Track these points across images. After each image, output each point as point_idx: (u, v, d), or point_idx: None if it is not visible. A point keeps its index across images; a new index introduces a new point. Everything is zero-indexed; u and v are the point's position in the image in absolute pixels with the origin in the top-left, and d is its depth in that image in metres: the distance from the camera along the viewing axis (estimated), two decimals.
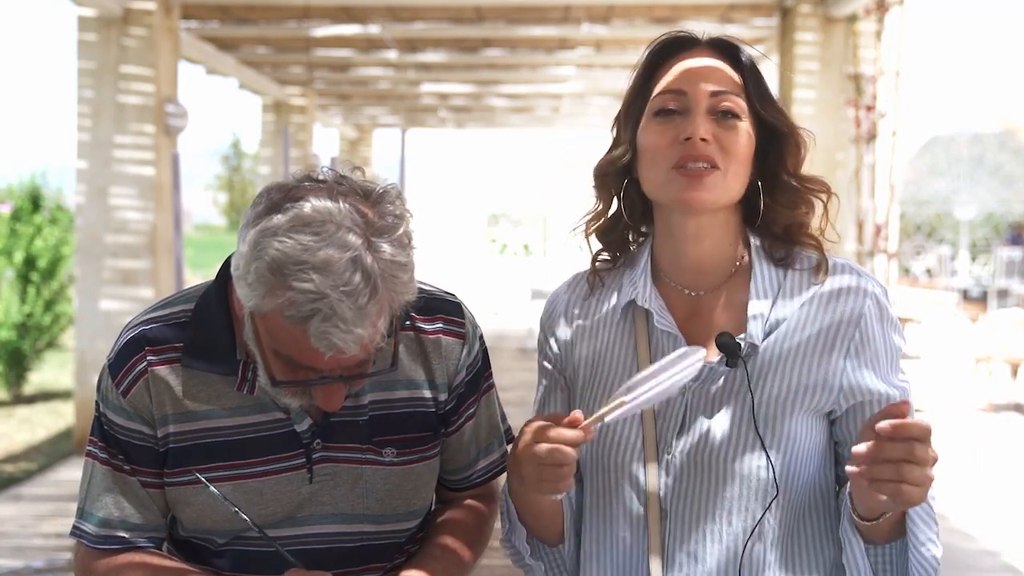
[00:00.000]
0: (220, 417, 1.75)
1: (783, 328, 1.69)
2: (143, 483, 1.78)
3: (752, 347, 1.67)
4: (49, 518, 6.68)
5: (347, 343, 1.49)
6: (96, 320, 8.05)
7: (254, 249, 1.51)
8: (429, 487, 1.90)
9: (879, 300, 1.70)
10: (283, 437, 1.76)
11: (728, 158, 1.67)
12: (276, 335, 1.56)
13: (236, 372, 1.74)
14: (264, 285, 1.50)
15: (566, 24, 9.88)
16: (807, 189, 1.75)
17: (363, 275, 1.48)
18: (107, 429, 1.78)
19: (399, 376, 1.80)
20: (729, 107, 1.69)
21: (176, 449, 1.76)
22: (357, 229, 1.50)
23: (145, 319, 1.79)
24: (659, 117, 1.71)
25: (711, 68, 1.72)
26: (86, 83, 8.01)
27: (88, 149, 8.03)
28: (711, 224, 1.73)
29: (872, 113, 7.95)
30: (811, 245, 1.75)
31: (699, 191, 1.65)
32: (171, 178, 7.98)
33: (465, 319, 1.90)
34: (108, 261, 8.05)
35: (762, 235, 1.77)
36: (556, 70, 13.04)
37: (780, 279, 1.72)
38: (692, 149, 1.65)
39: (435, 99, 16.08)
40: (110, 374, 1.77)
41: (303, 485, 1.77)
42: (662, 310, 1.74)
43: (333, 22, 9.90)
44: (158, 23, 8.01)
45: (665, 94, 1.72)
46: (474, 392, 1.93)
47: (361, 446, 1.79)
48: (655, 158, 1.70)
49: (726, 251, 1.76)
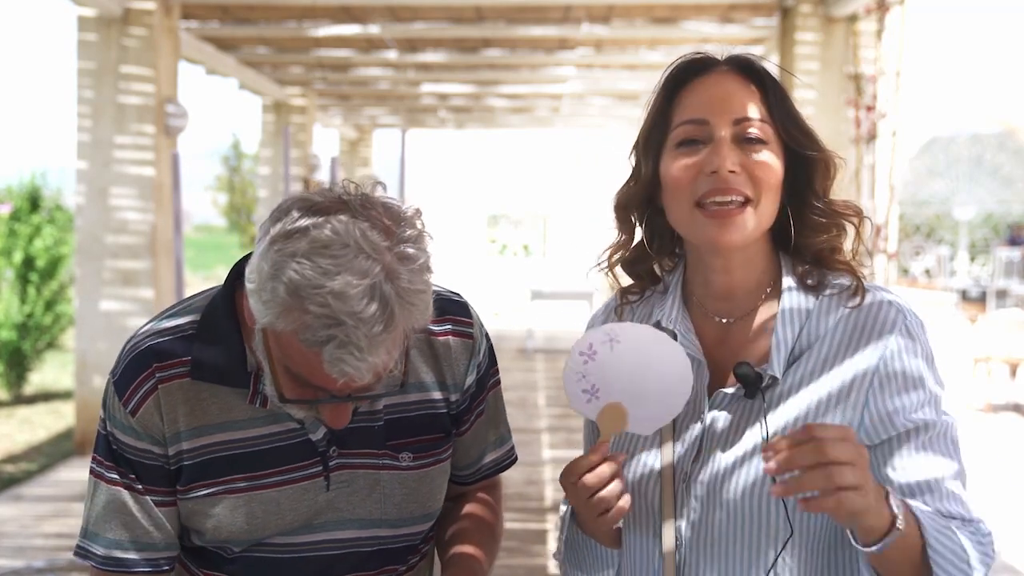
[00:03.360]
0: (234, 430, 1.73)
1: (806, 358, 1.62)
2: (156, 502, 1.75)
3: (772, 379, 1.61)
4: (50, 518, 6.69)
5: (360, 371, 1.47)
6: (96, 320, 8.06)
7: (271, 267, 1.47)
8: (443, 489, 1.89)
9: (910, 330, 1.61)
10: (299, 446, 1.75)
11: (758, 188, 1.60)
12: (288, 353, 1.53)
13: (247, 384, 1.71)
14: (280, 305, 1.47)
15: (566, 24, 9.87)
16: (838, 214, 1.69)
17: (380, 304, 1.45)
18: (116, 449, 1.74)
19: (411, 379, 1.78)
20: (755, 134, 1.62)
21: (191, 465, 1.73)
22: (377, 255, 1.47)
23: (150, 333, 1.75)
24: (682, 148, 1.64)
25: (732, 93, 1.65)
26: (86, 83, 8.02)
27: (88, 149, 8.03)
28: (740, 258, 1.66)
29: (872, 113, 7.95)
30: (844, 269, 1.68)
31: (729, 232, 1.59)
32: (171, 178, 7.98)
33: (472, 319, 1.89)
34: (108, 262, 8.05)
35: (794, 259, 1.70)
36: (556, 70, 13.02)
37: (809, 306, 1.65)
38: (720, 183, 1.58)
39: (435, 99, 16.06)
40: (116, 392, 1.73)
41: (320, 493, 1.76)
42: (687, 332, 1.69)
43: (333, 22, 9.89)
44: (158, 23, 8.01)
45: (686, 125, 1.64)
46: (483, 390, 1.92)
47: (377, 451, 1.78)
48: (679, 194, 1.63)
49: (757, 278, 1.69)
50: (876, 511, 1.40)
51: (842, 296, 1.65)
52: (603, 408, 1.61)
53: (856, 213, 1.70)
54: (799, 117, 1.68)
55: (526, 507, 6.78)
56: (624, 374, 1.61)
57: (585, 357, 1.62)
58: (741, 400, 1.63)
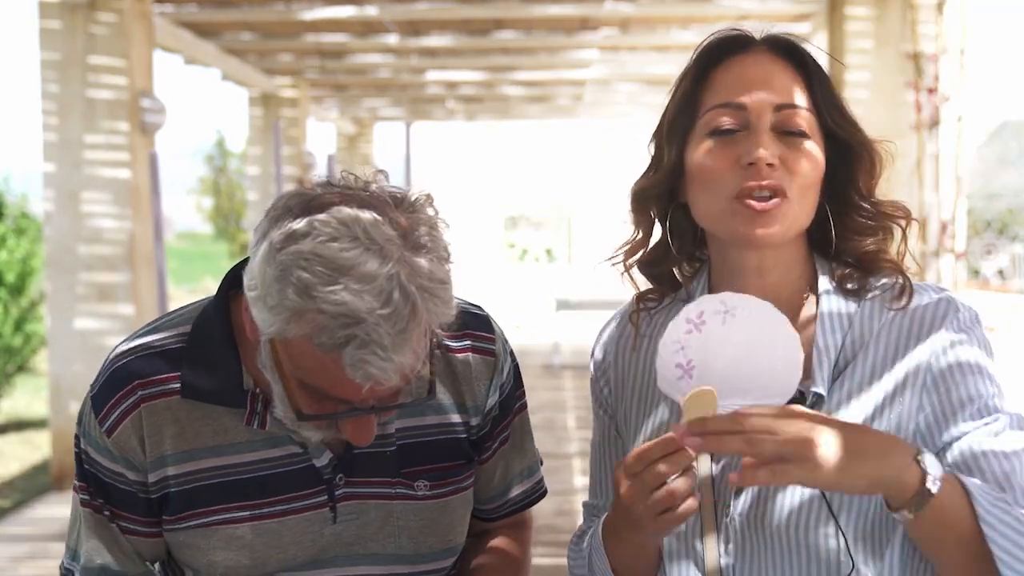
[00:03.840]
0: (229, 454, 1.73)
1: (851, 369, 1.61)
2: (124, 529, 1.76)
3: (817, 396, 1.60)
4: (26, 560, 6.71)
5: (387, 372, 1.47)
6: (71, 341, 8.06)
7: (275, 267, 1.47)
8: (465, 520, 1.89)
9: (961, 323, 1.61)
10: (301, 473, 1.75)
11: (797, 184, 1.59)
12: (303, 364, 1.52)
13: (243, 404, 1.71)
14: (289, 309, 1.46)
15: (588, 2, 9.86)
16: (883, 215, 1.68)
17: (402, 296, 1.45)
18: (88, 468, 1.75)
19: (428, 400, 1.77)
20: (797, 124, 1.61)
21: (179, 493, 1.73)
22: (392, 244, 1.47)
23: (133, 347, 1.76)
24: (715, 137, 1.63)
25: (773, 75, 1.63)
26: (50, 76, 8.02)
27: (56, 150, 8.04)
28: (776, 257, 1.66)
29: (934, 96, 7.92)
30: (890, 269, 1.67)
31: (767, 226, 1.58)
32: (149, 181, 8.01)
33: (495, 335, 1.90)
34: (82, 275, 8.05)
35: (833, 263, 1.70)
36: (577, 53, 13.02)
37: (851, 312, 1.65)
38: (757, 176, 1.57)
39: (442, 88, 16.09)
40: (93, 408, 1.74)
41: (326, 525, 1.76)
42: None
43: (326, 4, 9.90)
44: (129, 8, 8.02)
45: (720, 108, 1.63)
46: (507, 414, 1.93)
47: (390, 479, 1.78)
48: (712, 186, 1.62)
49: (793, 284, 1.69)
50: (891, 474, 1.41)
51: (886, 297, 1.65)
52: (694, 392, 1.52)
53: (905, 215, 1.69)
54: (843, 105, 1.67)
55: (557, 540, 6.74)
56: (728, 356, 1.55)
57: (691, 326, 1.57)
58: None
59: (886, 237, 1.68)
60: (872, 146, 1.67)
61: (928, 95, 7.94)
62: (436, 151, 24.46)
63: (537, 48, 12.74)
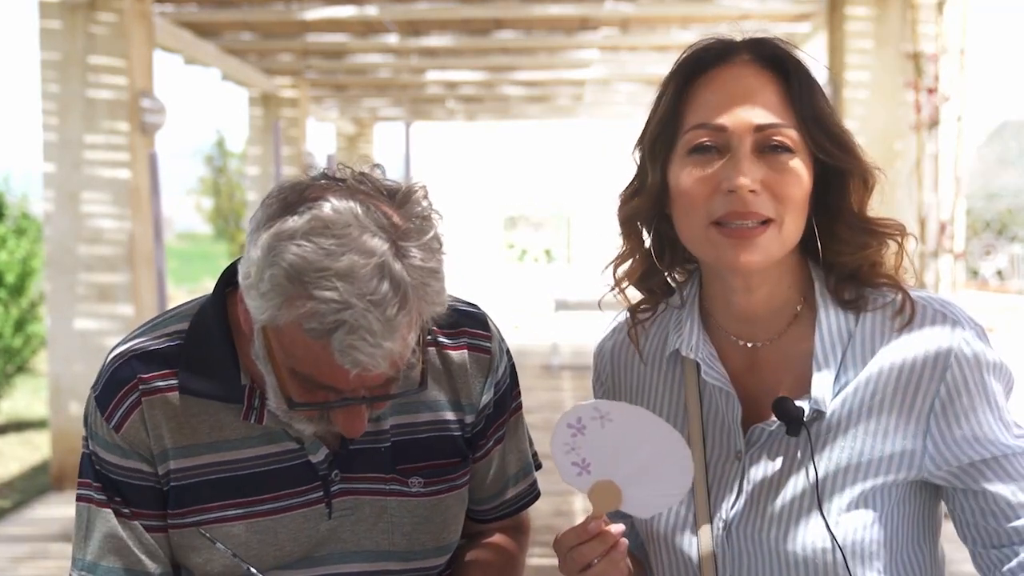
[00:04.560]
0: (226, 450, 1.74)
1: (854, 386, 1.59)
2: (147, 527, 1.75)
3: (817, 412, 1.59)
4: (26, 560, 6.70)
5: (375, 359, 1.48)
6: (71, 341, 8.07)
7: (268, 255, 1.49)
8: (459, 519, 1.89)
9: (970, 342, 1.56)
10: (297, 469, 1.75)
11: (783, 207, 1.55)
12: (293, 351, 1.54)
13: (241, 399, 1.72)
14: (280, 295, 1.48)
15: (588, 1, 9.87)
16: (876, 232, 1.63)
17: (391, 283, 1.47)
18: (100, 469, 1.75)
19: (422, 398, 1.79)
20: (780, 142, 1.56)
21: (178, 487, 1.74)
22: (383, 232, 1.49)
23: (133, 344, 1.77)
24: (694, 156, 1.58)
25: (754, 91, 1.58)
26: (51, 77, 8.02)
27: (55, 150, 8.05)
28: (764, 275, 1.62)
29: (934, 96, 7.91)
30: (887, 284, 1.63)
31: (749, 253, 1.55)
32: (149, 181, 8.00)
33: (491, 333, 1.90)
34: (82, 275, 8.06)
35: (827, 273, 1.65)
36: (577, 53, 13.03)
37: (850, 326, 1.61)
38: (738, 204, 1.53)
39: (442, 88, 16.10)
40: (98, 407, 1.74)
41: (321, 521, 1.76)
42: (712, 359, 1.66)
43: (326, 4, 9.91)
44: (129, 8, 8.02)
45: (700, 129, 1.58)
46: (502, 413, 1.92)
47: (384, 476, 1.79)
48: (693, 212, 1.58)
49: (784, 296, 1.66)
50: None
51: (886, 313, 1.61)
52: (594, 485, 1.60)
53: (899, 231, 1.64)
54: (831, 119, 1.61)
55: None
56: (617, 454, 1.60)
57: (573, 430, 1.61)
58: (782, 437, 1.61)
59: (880, 248, 1.64)
60: (862, 161, 1.62)
61: (928, 95, 7.92)
62: (436, 151, 24.46)
63: (537, 48, 12.75)
